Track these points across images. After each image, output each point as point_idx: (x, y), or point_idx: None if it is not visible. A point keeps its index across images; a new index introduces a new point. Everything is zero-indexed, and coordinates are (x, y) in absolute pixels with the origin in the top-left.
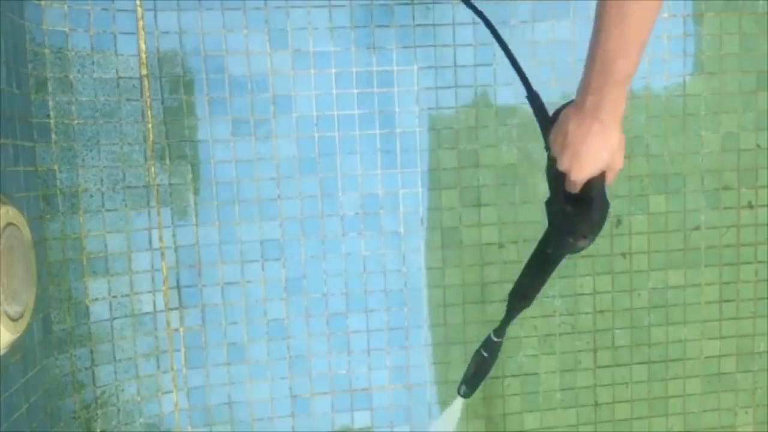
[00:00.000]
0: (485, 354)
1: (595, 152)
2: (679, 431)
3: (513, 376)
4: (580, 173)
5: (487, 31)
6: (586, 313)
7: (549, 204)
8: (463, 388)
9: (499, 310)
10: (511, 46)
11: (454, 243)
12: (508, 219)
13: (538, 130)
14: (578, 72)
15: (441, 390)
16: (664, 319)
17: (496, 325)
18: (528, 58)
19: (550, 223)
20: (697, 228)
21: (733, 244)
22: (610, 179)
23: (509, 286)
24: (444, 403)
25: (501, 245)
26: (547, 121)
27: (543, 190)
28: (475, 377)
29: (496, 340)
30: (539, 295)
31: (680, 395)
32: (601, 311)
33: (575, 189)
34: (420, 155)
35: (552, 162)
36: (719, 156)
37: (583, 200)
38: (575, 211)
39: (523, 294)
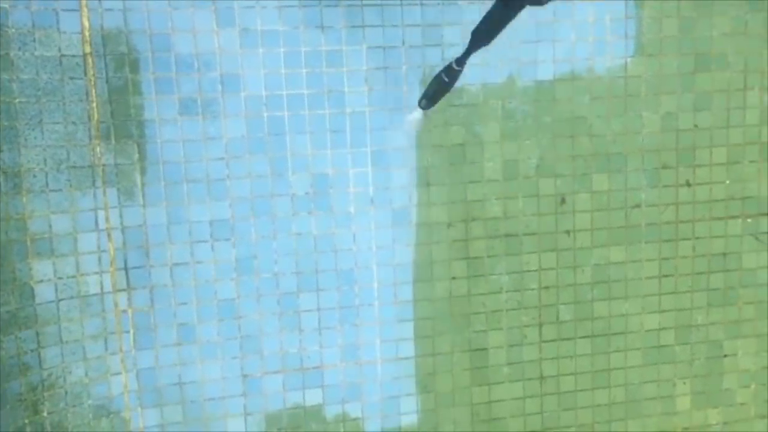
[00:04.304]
0: (446, 79)
1: None
2: (621, 402)
3: (462, 351)
4: None
5: (435, 12)
6: (532, 290)
7: None
8: (424, 101)
9: (447, 288)
10: (458, 26)
11: (404, 222)
12: (456, 198)
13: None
14: (527, 53)
15: (391, 367)
16: (607, 294)
17: (444, 306)
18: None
19: None
20: (637, 206)
21: (672, 221)
22: None
23: (458, 264)
24: (396, 379)
25: (450, 224)
26: None
27: (490, 170)
28: (434, 95)
29: (457, 68)
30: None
31: (622, 368)
32: (546, 287)
33: None
34: (370, 135)
35: None
36: (659, 136)
37: None
38: None
39: (484, 35)
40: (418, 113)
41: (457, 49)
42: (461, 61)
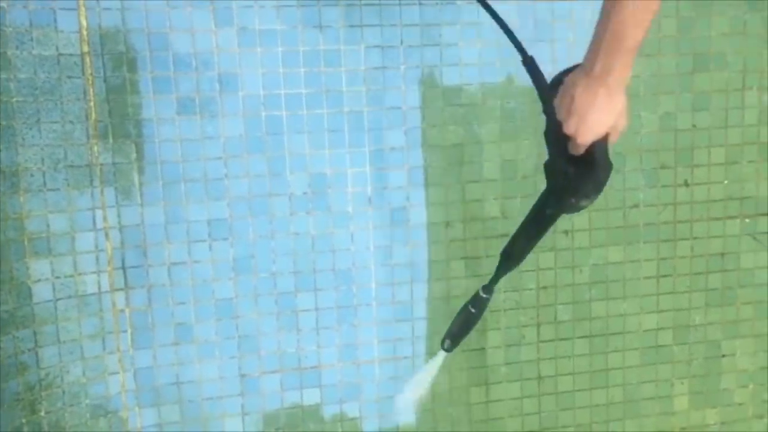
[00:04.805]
0: (473, 310)
1: (602, 117)
2: (619, 402)
3: (460, 351)
4: (586, 137)
5: (433, 11)
6: (530, 289)
7: (549, 165)
8: (447, 342)
9: (445, 288)
10: (456, 26)
11: (402, 222)
12: (454, 198)
13: (536, 97)
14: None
15: (389, 367)
16: (605, 294)
17: (443, 302)
18: (474, 39)
19: (549, 184)
20: (636, 206)
21: (670, 221)
22: (613, 140)
23: (455, 264)
24: (394, 378)
25: (448, 224)
26: (545, 85)
27: (489, 170)
28: (459, 332)
29: (484, 296)
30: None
31: (620, 367)
32: (545, 287)
33: (579, 152)
34: (368, 135)
35: (555, 125)
36: (657, 136)
37: (587, 162)
38: (579, 173)
39: (515, 254)
40: (440, 357)
41: (455, 49)
42: (489, 288)
